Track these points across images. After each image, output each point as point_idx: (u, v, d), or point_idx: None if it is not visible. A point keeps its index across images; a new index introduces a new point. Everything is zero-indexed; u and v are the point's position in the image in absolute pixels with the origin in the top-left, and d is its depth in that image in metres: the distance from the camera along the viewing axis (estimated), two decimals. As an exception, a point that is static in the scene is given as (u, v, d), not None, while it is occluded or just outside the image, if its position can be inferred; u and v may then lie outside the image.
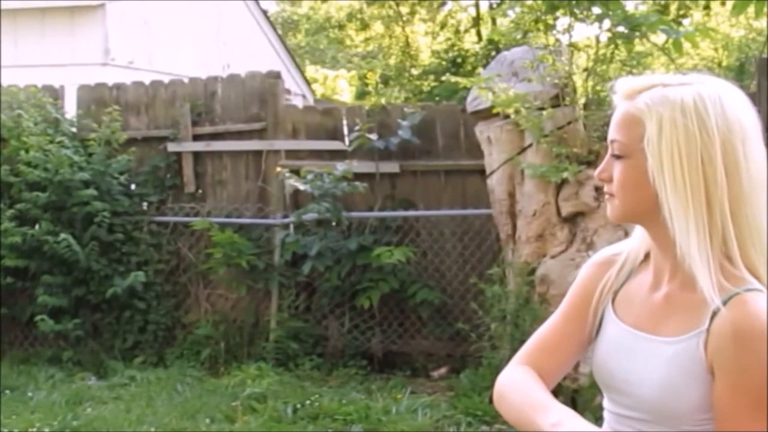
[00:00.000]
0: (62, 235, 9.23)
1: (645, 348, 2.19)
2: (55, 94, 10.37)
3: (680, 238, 2.07)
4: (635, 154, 2.13)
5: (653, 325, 2.20)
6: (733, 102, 2.12)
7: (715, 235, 2.07)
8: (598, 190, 7.24)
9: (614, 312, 2.32)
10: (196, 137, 9.99)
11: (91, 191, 9.38)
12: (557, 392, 7.25)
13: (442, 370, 8.93)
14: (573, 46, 8.13)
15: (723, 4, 20.90)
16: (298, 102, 16.47)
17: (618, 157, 2.18)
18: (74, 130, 10.10)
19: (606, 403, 2.35)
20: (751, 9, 6.73)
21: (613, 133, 2.19)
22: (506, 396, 2.32)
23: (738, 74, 18.29)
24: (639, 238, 2.32)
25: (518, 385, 2.30)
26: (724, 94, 2.12)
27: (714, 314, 2.05)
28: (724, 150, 2.06)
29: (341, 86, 32.90)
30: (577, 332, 2.37)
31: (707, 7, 21.53)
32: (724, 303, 2.03)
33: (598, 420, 6.70)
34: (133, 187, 9.98)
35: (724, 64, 21.17)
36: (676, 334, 2.13)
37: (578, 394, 7.17)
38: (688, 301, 2.13)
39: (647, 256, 2.31)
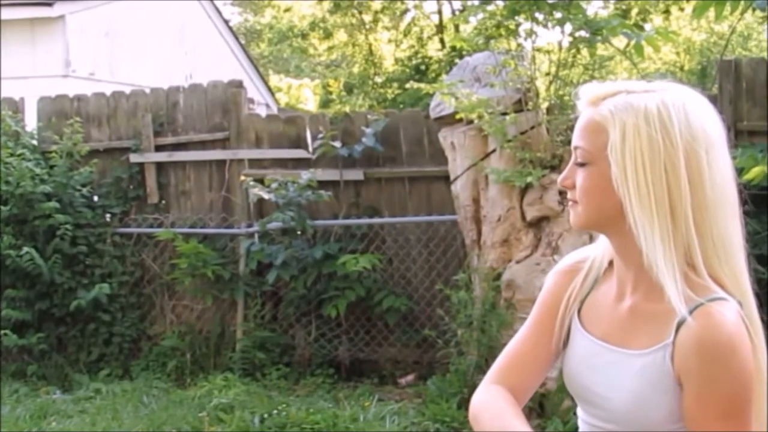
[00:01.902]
0: (25, 249, 9.14)
1: (613, 361, 2.19)
2: (15, 107, 10.28)
3: (647, 247, 2.05)
4: (599, 162, 2.12)
5: (620, 337, 2.19)
6: (698, 110, 2.11)
7: (679, 244, 2.05)
8: (562, 194, 7.25)
9: (581, 323, 2.31)
10: (159, 148, 9.93)
11: (54, 204, 9.30)
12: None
13: (410, 377, 8.91)
14: (537, 50, 8.15)
15: (681, 9, 21.01)
16: (262, 111, 16.42)
17: (581, 164, 2.16)
18: (35, 142, 10.01)
19: (580, 413, 2.34)
20: (711, 12, 6.77)
21: (576, 140, 2.18)
22: (480, 420, 2.30)
23: (700, 77, 18.41)
24: (603, 245, 2.30)
25: (491, 408, 2.28)
26: (688, 102, 2.11)
27: (679, 326, 2.04)
28: (688, 158, 2.05)
29: (305, 95, 32.85)
30: (546, 344, 2.35)
31: (666, 11, 21.62)
32: (689, 314, 2.02)
33: (566, 424, 6.68)
34: (95, 198, 9.90)
35: (687, 67, 21.30)
36: (643, 347, 2.13)
37: (546, 398, 7.17)
38: (654, 313, 2.12)
39: (611, 263, 2.29)
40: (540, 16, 7.66)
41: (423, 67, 27.02)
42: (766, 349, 2.13)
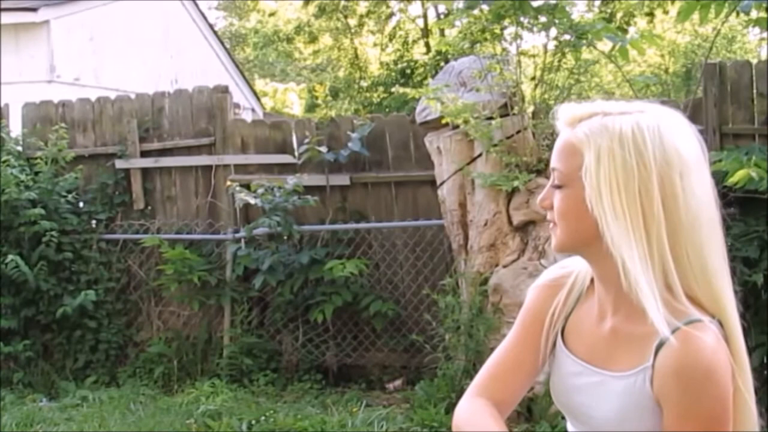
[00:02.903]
0: (10, 256, 9.11)
1: (596, 382, 2.20)
2: None
3: (625, 269, 2.06)
4: (574, 183, 2.13)
5: (602, 358, 2.20)
6: (674, 133, 2.10)
7: (655, 267, 2.05)
8: (548, 198, 7.25)
9: (564, 342, 2.31)
10: (144, 153, 9.91)
11: (39, 210, 9.27)
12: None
13: (398, 382, 8.90)
14: (522, 54, 8.16)
15: (666, 12, 21.08)
16: (248, 116, 16.40)
17: (558, 186, 2.17)
18: (20, 148, 9.97)
19: (569, 426, 2.36)
20: (696, 15, 6.79)
21: (553, 162, 2.19)
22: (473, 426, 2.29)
23: (685, 80, 18.47)
24: (584, 262, 2.30)
25: (475, 422, 2.28)
26: (664, 125, 2.10)
27: (657, 349, 2.05)
28: (662, 182, 2.05)
29: (291, 99, 32.86)
30: (529, 357, 2.35)
31: (650, 14, 21.69)
32: (664, 341, 2.02)
33: (554, 428, 6.67)
34: (81, 205, 9.87)
35: (671, 70, 21.37)
36: (625, 369, 2.14)
37: (534, 402, 7.17)
38: (634, 335, 2.13)
39: (593, 281, 2.29)
40: (525, 20, 7.66)
41: (408, 71, 27.04)
42: (749, 367, 2.14)
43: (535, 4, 7.55)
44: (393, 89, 25.60)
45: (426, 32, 29.42)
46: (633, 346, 2.12)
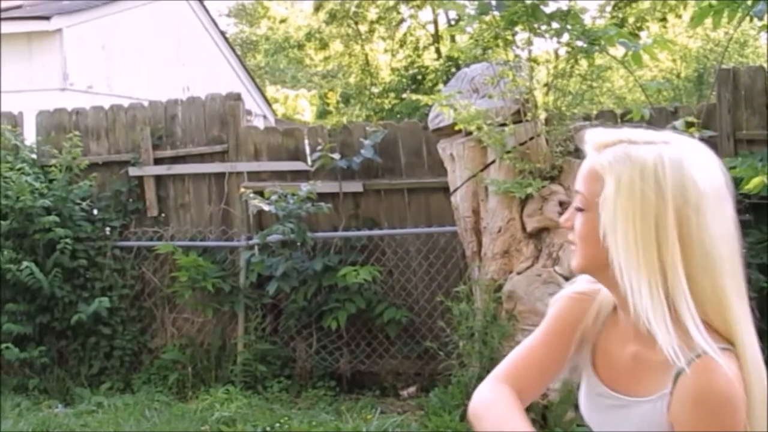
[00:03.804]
0: (25, 263, 9.14)
1: (617, 405, 2.24)
2: (14, 121, 10.29)
3: (633, 298, 2.09)
4: (593, 209, 2.16)
5: (624, 383, 2.24)
6: (695, 167, 2.12)
7: (669, 298, 2.08)
8: (562, 204, 7.26)
9: (593, 363, 2.36)
10: (158, 161, 9.94)
11: (53, 218, 9.30)
12: (528, 409, 7.25)
13: (412, 389, 8.90)
14: (533, 61, 8.15)
15: (679, 16, 21.05)
16: (260, 123, 16.45)
17: (580, 209, 2.21)
18: (34, 156, 10.01)
19: None
20: (709, 20, 6.79)
21: (577, 184, 2.23)
22: (484, 416, 2.32)
23: (697, 85, 18.43)
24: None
25: (498, 405, 2.31)
26: (686, 159, 2.12)
27: (676, 377, 2.07)
28: (678, 218, 2.07)
29: (302, 106, 32.88)
30: (553, 358, 2.39)
31: (663, 19, 21.66)
32: (687, 365, 2.05)
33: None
34: (95, 212, 9.91)
35: (683, 75, 21.33)
36: (645, 395, 2.17)
37: (549, 410, 7.17)
38: (654, 361, 2.15)
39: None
40: (538, 27, 7.67)
41: (419, 77, 27.06)
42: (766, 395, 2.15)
43: (547, 10, 7.56)
44: (404, 95, 25.67)
45: (437, 38, 29.43)
46: (653, 373, 2.15)
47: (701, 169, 2.12)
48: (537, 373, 2.40)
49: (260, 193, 9.01)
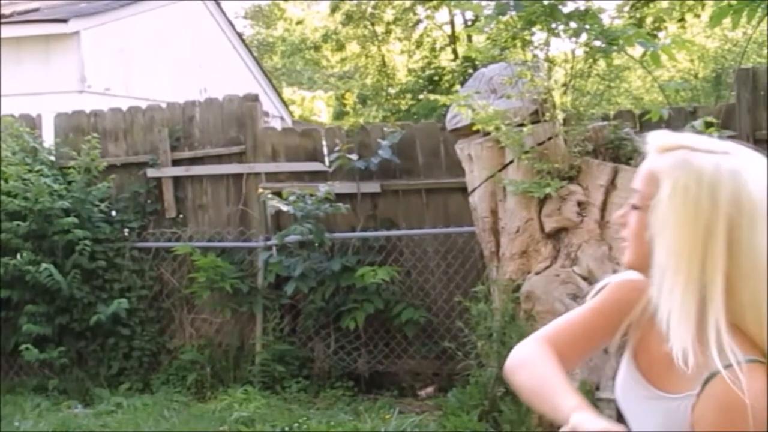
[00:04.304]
0: (44, 265, 9.17)
1: (647, 396, 2.30)
2: (32, 123, 10.33)
3: (660, 298, 2.17)
4: (648, 209, 2.22)
5: (657, 377, 2.30)
6: (752, 180, 2.17)
7: (706, 305, 2.13)
8: (580, 205, 7.24)
9: (634, 352, 2.41)
10: (176, 162, 9.97)
11: (72, 219, 9.34)
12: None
13: (430, 389, 8.90)
14: (550, 62, 8.14)
15: (698, 16, 20.98)
16: (277, 124, 16.47)
17: (635, 207, 2.28)
18: (53, 158, 10.06)
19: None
20: (727, 20, 6.77)
21: (635, 183, 2.30)
22: (525, 369, 2.39)
23: (715, 85, 18.36)
24: None
25: (540, 361, 2.37)
26: (744, 170, 2.17)
27: (707, 381, 2.12)
28: (730, 227, 2.13)
29: (319, 107, 32.91)
30: (596, 333, 2.47)
31: (682, 20, 21.60)
32: (714, 375, 2.10)
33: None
34: (113, 213, 9.95)
35: (701, 75, 21.27)
36: (674, 392, 2.22)
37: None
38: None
39: None
40: (556, 27, 7.65)
41: (436, 78, 27.05)
42: None
43: (564, 10, 7.55)
44: (421, 96, 25.66)
45: (453, 39, 29.42)
46: (685, 373, 2.17)
47: (758, 181, 2.17)
48: (577, 343, 2.47)
49: (278, 194, 9.02)
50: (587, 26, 7.46)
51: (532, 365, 2.38)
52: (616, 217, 2.39)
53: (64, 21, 14.53)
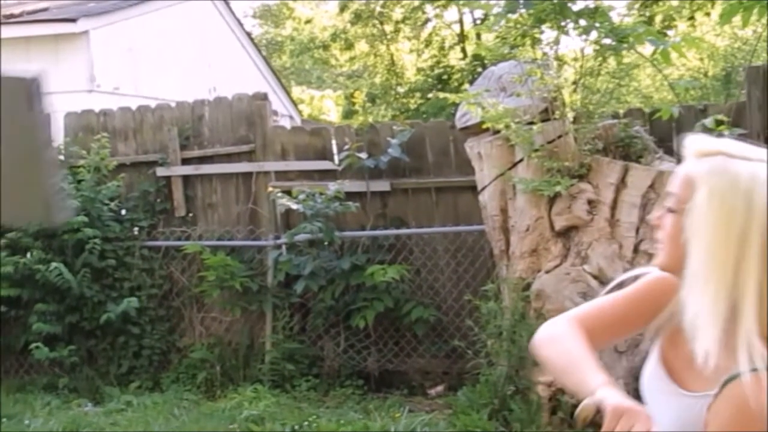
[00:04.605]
0: (54, 264, 9.19)
1: (668, 391, 2.37)
2: (43, 122, 10.32)
3: (692, 301, 2.22)
4: (683, 212, 2.26)
5: (679, 374, 2.37)
6: None
7: (736, 311, 2.17)
8: (590, 203, 7.23)
9: (662, 347, 2.46)
10: (185, 161, 9.98)
11: (82, 218, 9.34)
12: (557, 408, 7.24)
13: (440, 388, 8.90)
14: (560, 60, 8.13)
15: (708, 14, 20.92)
16: (286, 123, 16.47)
17: (671, 210, 2.32)
18: (62, 157, 10.05)
19: None
20: (737, 18, 6.75)
21: (671, 186, 2.34)
22: (554, 343, 2.47)
23: (724, 83, 18.30)
24: None
25: (570, 338, 2.43)
26: None
27: (726, 382, 2.16)
28: (764, 236, 2.16)
29: (328, 106, 32.91)
30: (629, 319, 2.53)
31: (692, 18, 21.54)
32: (734, 377, 2.14)
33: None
34: (123, 212, 9.95)
35: (710, 73, 21.21)
36: (692, 390, 2.27)
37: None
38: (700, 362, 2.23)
39: None
40: (565, 24, 7.64)
41: (445, 77, 27.02)
42: None
43: (574, 7, 7.53)
44: (430, 95, 25.63)
45: (462, 37, 29.39)
46: (705, 373, 2.21)
47: None
48: (606, 327, 2.53)
49: (288, 193, 9.02)
50: (597, 24, 7.45)
51: (562, 341, 2.43)
52: (652, 220, 2.43)
53: (73, 20, 14.53)
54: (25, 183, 2.26)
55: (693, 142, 2.32)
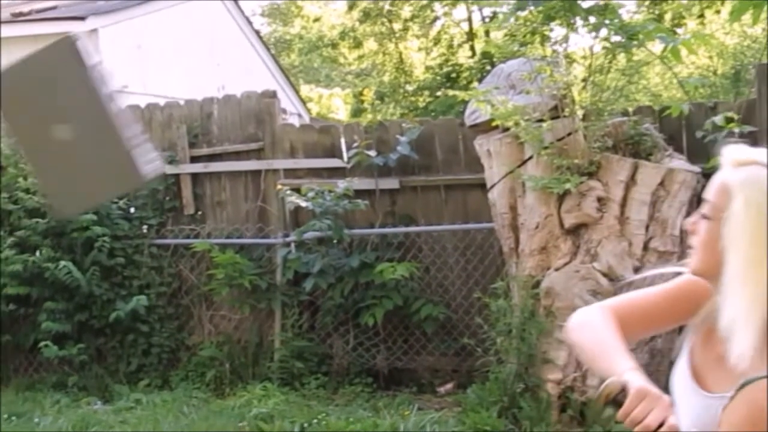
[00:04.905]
0: (63, 262, 9.19)
1: (691, 390, 2.44)
2: (52, 120, 10.33)
3: (728, 306, 2.27)
4: (718, 220, 2.32)
5: (702, 375, 2.44)
6: None
7: None
8: (600, 201, 7.22)
9: (691, 350, 2.52)
10: (194, 159, 9.97)
11: (91, 216, 9.34)
12: (567, 405, 7.23)
13: (449, 386, 8.89)
14: (569, 57, 8.11)
15: (717, 12, 20.89)
16: (294, 121, 16.44)
17: (706, 216, 2.37)
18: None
19: None
20: (746, 16, 6.72)
21: (707, 193, 2.40)
22: (587, 328, 2.54)
23: (734, 82, 18.26)
24: None
25: (603, 325, 2.50)
26: None
27: (743, 386, 2.22)
28: None
29: (336, 104, 32.90)
30: (662, 316, 2.61)
31: (701, 16, 21.51)
32: (751, 381, 2.21)
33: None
34: (132, 210, 9.95)
35: (720, 71, 21.16)
36: (712, 391, 2.37)
37: (587, 406, 7.13)
38: (729, 367, 2.28)
39: None
40: (575, 22, 7.62)
41: (454, 75, 27.00)
42: None
43: (584, 5, 7.52)
44: (438, 93, 25.61)
45: (471, 36, 29.36)
46: (726, 375, 2.29)
47: None
48: (638, 320, 2.59)
49: (297, 190, 9.02)
50: (606, 21, 7.43)
51: (595, 327, 2.51)
52: (687, 225, 2.48)
53: (82, 18, 14.56)
54: (104, 153, 2.22)
55: (730, 152, 2.37)
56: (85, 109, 2.23)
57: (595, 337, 2.50)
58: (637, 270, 7.19)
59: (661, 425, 2.18)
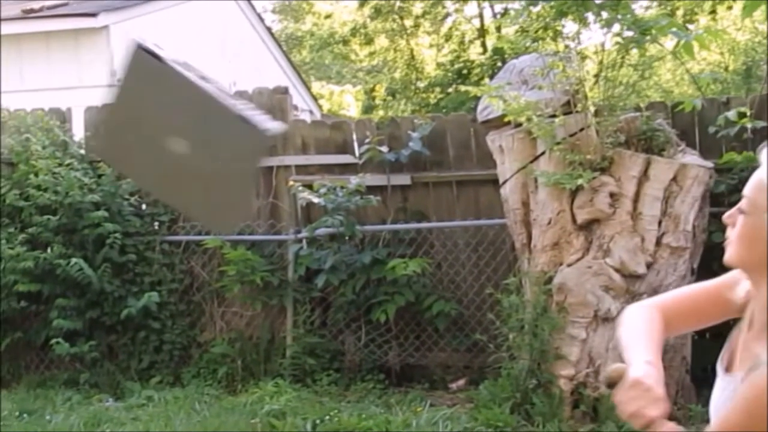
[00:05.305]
0: (74, 259, 9.19)
1: (719, 373, 2.56)
2: (63, 117, 10.35)
3: (762, 296, 2.38)
4: (757, 215, 2.38)
5: (729, 361, 2.55)
6: None
7: None
8: (612, 196, 7.19)
9: (733, 336, 2.60)
10: (206, 155, 9.93)
11: (102, 213, 9.34)
12: (579, 401, 7.21)
13: (461, 382, 8.87)
14: (580, 53, 8.08)
15: (730, 8, 20.85)
16: (306, 118, 16.45)
17: (742, 211, 2.44)
18: (83, 152, 10.05)
19: None
20: (758, 12, 6.70)
21: (746, 189, 2.45)
22: (626, 324, 2.66)
23: (745, 78, 18.23)
24: None
25: (641, 320, 2.64)
26: None
27: (749, 370, 2.30)
28: None
29: (347, 101, 32.89)
30: (704, 312, 2.73)
31: (713, 11, 21.47)
32: (760, 364, 2.27)
33: (621, 428, 6.59)
34: (143, 207, 9.93)
35: (731, 68, 21.14)
36: (731, 372, 2.49)
37: (600, 402, 7.11)
38: (750, 351, 2.40)
39: None
40: (587, 17, 7.60)
41: (465, 71, 26.96)
42: None
43: (597, 0, 7.49)
44: (450, 90, 25.60)
45: (482, 32, 29.34)
46: (745, 360, 2.41)
47: None
48: (682, 315, 2.72)
49: (309, 187, 9.01)
50: (619, 16, 7.40)
51: (633, 322, 2.65)
52: (725, 218, 2.53)
53: (94, 15, 14.55)
54: (225, 134, 2.16)
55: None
56: (190, 102, 2.20)
57: (630, 331, 2.61)
58: (649, 266, 7.17)
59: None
